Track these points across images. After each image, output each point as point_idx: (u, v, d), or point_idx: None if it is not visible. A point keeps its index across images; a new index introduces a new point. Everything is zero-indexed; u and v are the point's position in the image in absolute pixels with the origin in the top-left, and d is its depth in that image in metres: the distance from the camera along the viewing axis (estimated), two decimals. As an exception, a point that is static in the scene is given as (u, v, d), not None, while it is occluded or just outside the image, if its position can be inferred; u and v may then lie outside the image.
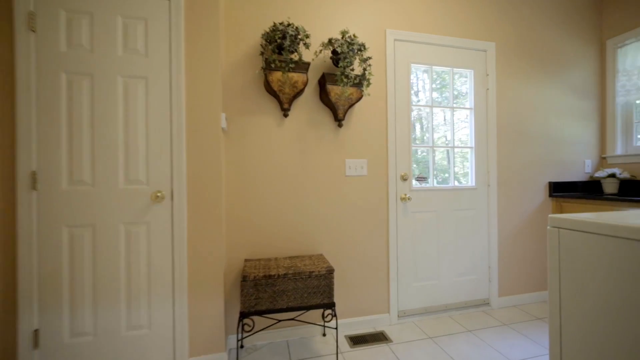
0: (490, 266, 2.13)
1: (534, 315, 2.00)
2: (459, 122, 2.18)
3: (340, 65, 1.62)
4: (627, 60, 2.24)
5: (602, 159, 2.38)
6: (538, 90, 2.24)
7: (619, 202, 1.87)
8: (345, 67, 1.63)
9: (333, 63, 1.75)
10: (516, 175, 2.19)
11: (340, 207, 1.87)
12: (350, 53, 1.63)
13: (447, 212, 2.06)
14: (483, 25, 2.13)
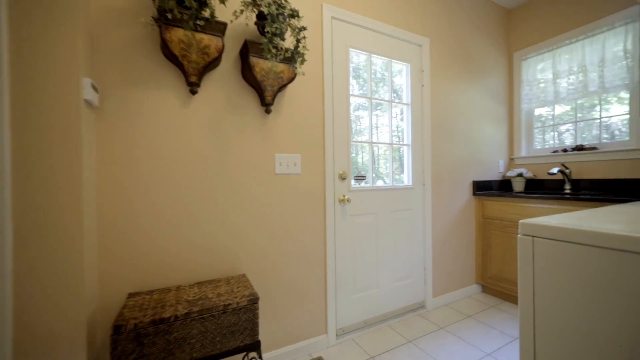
0: (425, 267, 2.08)
1: (464, 314, 2.02)
2: (393, 120, 2.07)
3: (267, 30, 1.26)
4: (529, 72, 2.51)
5: (511, 159, 2.63)
6: (464, 92, 2.31)
7: (526, 199, 2.02)
8: (273, 35, 1.28)
9: (259, 30, 1.37)
10: (447, 174, 2.20)
11: (269, 213, 1.51)
12: (280, 18, 1.29)
13: (386, 214, 1.91)
14: (419, 19, 2.06)
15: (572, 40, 2.22)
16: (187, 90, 1.32)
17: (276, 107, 1.53)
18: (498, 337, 1.72)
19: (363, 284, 1.81)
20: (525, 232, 0.76)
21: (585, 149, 2.16)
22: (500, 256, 2.18)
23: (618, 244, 0.59)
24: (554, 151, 2.35)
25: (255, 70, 1.34)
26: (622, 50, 1.98)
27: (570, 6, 2.23)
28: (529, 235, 0.75)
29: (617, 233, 0.59)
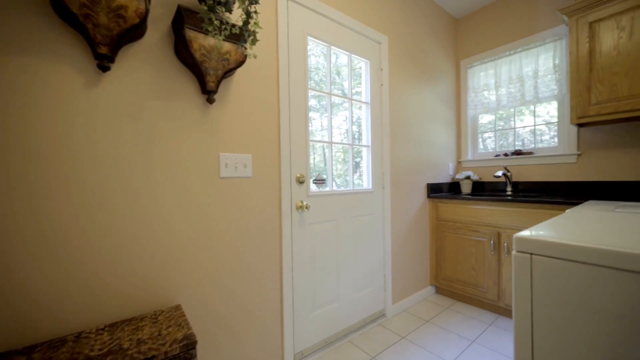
0: (385, 274, 2.00)
1: (423, 319, 1.99)
2: (349, 118, 1.95)
3: None
4: (474, 79, 2.65)
5: (459, 162, 2.75)
6: (418, 94, 2.31)
7: (475, 201, 2.09)
8: (216, 2, 1.02)
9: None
10: (404, 177, 2.17)
11: (212, 227, 1.24)
12: (226, -17, 1.04)
13: (347, 220, 1.77)
14: (379, 16, 1.98)
15: (511, 52, 2.39)
16: (94, 65, 0.98)
17: (221, 97, 1.26)
18: (457, 341, 1.71)
19: (323, 299, 1.64)
20: (522, 249, 0.66)
21: (523, 153, 2.34)
22: (453, 257, 2.23)
23: (631, 264, 0.51)
24: (496, 155, 2.50)
25: (192, 48, 1.06)
26: (552, 64, 2.18)
27: (509, 21, 2.40)
28: (527, 253, 0.65)
29: (625, 251, 0.51)
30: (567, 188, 2.09)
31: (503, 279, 1.94)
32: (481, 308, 2.10)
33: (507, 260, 1.93)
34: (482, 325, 1.88)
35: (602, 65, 1.74)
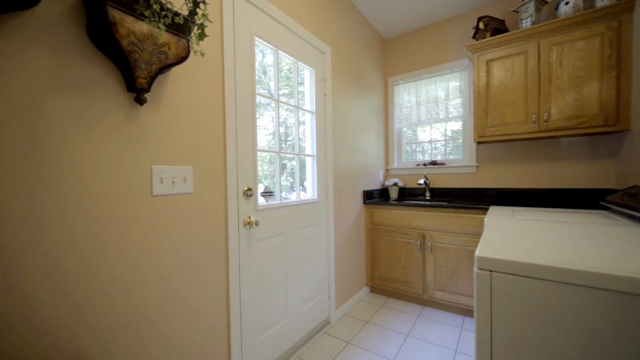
0: (329, 282, 2.02)
1: (363, 320, 2.09)
2: (295, 127, 1.90)
3: None
4: (399, 96, 2.95)
5: (387, 170, 3.02)
6: (356, 105, 2.43)
7: (403, 206, 2.33)
8: None
9: None
10: (344, 185, 2.24)
11: (142, 261, 1.00)
12: (169, -38, 0.84)
13: (294, 232, 1.71)
14: (323, 26, 1.98)
15: (429, 75, 2.76)
16: (-52, 38, 0.65)
17: (155, 97, 1.03)
18: (394, 337, 1.86)
19: (272, 319, 1.54)
20: (482, 267, 0.74)
21: (437, 164, 2.73)
22: (386, 258, 2.43)
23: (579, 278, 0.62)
24: (417, 164, 2.85)
25: (118, 33, 0.82)
26: (459, 90, 2.62)
27: (427, 49, 2.76)
28: (487, 270, 0.73)
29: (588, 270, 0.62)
30: (470, 193, 2.54)
31: (427, 274, 2.22)
32: (410, 302, 2.35)
33: (430, 258, 2.21)
34: (412, 318, 2.11)
35: (495, 96, 2.17)
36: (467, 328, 1.95)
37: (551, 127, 1.96)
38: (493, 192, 2.44)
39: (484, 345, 0.74)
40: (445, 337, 1.86)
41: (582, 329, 0.61)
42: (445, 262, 2.14)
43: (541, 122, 1.99)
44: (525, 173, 2.31)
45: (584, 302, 0.61)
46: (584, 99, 1.85)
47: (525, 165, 2.32)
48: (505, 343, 0.71)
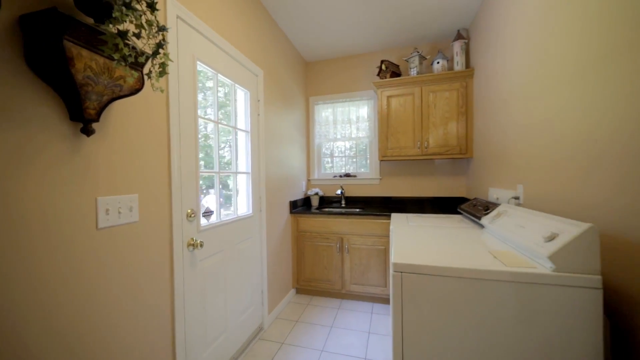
0: (262, 290, 2.16)
1: (293, 320, 2.32)
2: (233, 146, 1.98)
3: (116, 15, 0.78)
4: (319, 114, 3.31)
5: (309, 180, 3.33)
6: (284, 122, 2.63)
7: (325, 214, 2.68)
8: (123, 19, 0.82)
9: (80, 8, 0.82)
10: (274, 197, 2.41)
11: (88, 299, 0.94)
12: (135, 4, 0.85)
13: (232, 248, 1.78)
14: (257, 50, 2.10)
15: (344, 100, 3.22)
16: None
17: (102, 127, 0.98)
18: (321, 330, 2.16)
19: (214, 335, 1.58)
20: (396, 270, 1.08)
21: (350, 176, 3.21)
22: (311, 261, 2.72)
23: (450, 272, 1.01)
24: (334, 176, 3.27)
25: (74, 67, 0.79)
26: (367, 115, 3.16)
27: (343, 77, 3.21)
28: (399, 272, 1.07)
29: (453, 266, 1.01)
30: (377, 200, 3.11)
31: (345, 272, 2.63)
32: (331, 297, 2.72)
33: (347, 258, 2.62)
34: (334, 311, 2.46)
35: (393, 125, 2.76)
36: (376, 312, 2.44)
37: (429, 152, 2.66)
38: (393, 199, 3.07)
39: (397, 324, 1.07)
40: (360, 322, 2.27)
41: (452, 302, 1.01)
42: (359, 260, 2.59)
43: (423, 148, 2.67)
44: (414, 184, 3.02)
45: (452, 287, 1.01)
46: (449, 134, 2.60)
47: (414, 179, 3.02)
48: (413, 322, 1.05)
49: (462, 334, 0.99)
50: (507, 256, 1.07)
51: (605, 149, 0.95)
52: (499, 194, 1.85)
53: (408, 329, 1.05)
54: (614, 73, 0.91)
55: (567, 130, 1.15)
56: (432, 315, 1.02)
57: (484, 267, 0.98)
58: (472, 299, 0.98)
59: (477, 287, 0.98)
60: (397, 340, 1.06)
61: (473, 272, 0.98)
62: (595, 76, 0.99)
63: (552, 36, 1.26)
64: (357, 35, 2.74)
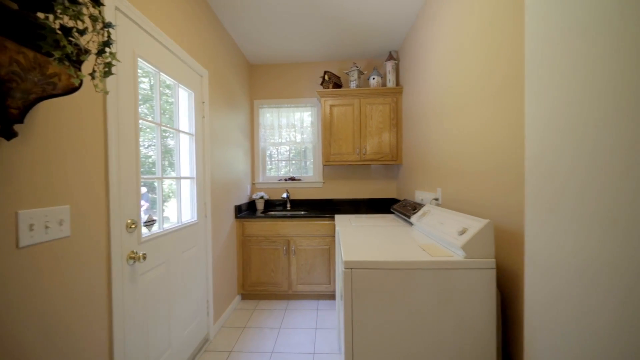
0: (208, 300, 2.07)
1: (240, 327, 2.28)
2: (176, 150, 1.87)
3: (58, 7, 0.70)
4: (264, 118, 3.31)
5: (253, 184, 3.29)
6: (228, 125, 2.57)
7: (268, 218, 2.72)
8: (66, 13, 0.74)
9: None
10: (219, 202, 2.34)
11: (4, 338, 0.81)
12: (79, -1, 0.78)
13: (177, 257, 1.68)
14: (201, 49, 2.02)
15: (289, 105, 3.29)
16: None
17: (28, 129, 0.85)
18: (270, 333, 2.19)
19: (156, 353, 1.47)
20: (347, 267, 1.21)
21: (295, 179, 3.30)
22: (257, 265, 2.71)
23: (391, 265, 1.19)
24: (279, 179, 3.31)
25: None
26: (311, 122, 3.30)
27: (288, 82, 3.28)
28: (349, 268, 1.21)
29: (392, 260, 1.19)
30: (321, 203, 3.27)
31: (291, 273, 2.70)
32: (278, 300, 2.75)
33: (294, 259, 2.70)
34: (281, 312, 2.51)
35: (336, 132, 2.96)
36: (321, 309, 2.58)
37: (367, 158, 2.93)
38: (335, 201, 3.27)
39: (348, 317, 1.20)
40: (307, 320, 2.38)
41: (392, 291, 1.19)
42: (305, 260, 2.69)
43: (362, 154, 2.93)
44: (354, 187, 3.28)
45: (392, 278, 1.19)
46: (383, 142, 2.92)
47: (353, 182, 3.28)
48: (361, 313, 1.20)
49: (401, 318, 1.18)
50: (432, 248, 1.31)
51: (495, 162, 1.26)
52: (423, 196, 2.19)
53: (357, 320, 1.20)
54: (500, 104, 1.22)
55: (469, 145, 1.47)
56: (376, 305, 1.18)
57: (416, 259, 1.19)
58: (407, 286, 1.18)
59: (411, 276, 1.17)
60: (348, 332, 1.19)
61: (408, 263, 1.18)
62: (495, 103, 1.30)
63: (454, 75, 1.58)
64: (302, 44, 2.86)
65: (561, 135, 0.83)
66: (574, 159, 0.79)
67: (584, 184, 0.76)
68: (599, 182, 0.73)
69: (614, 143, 0.69)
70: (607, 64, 0.71)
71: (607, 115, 0.70)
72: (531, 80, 0.95)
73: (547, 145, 0.88)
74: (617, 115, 0.69)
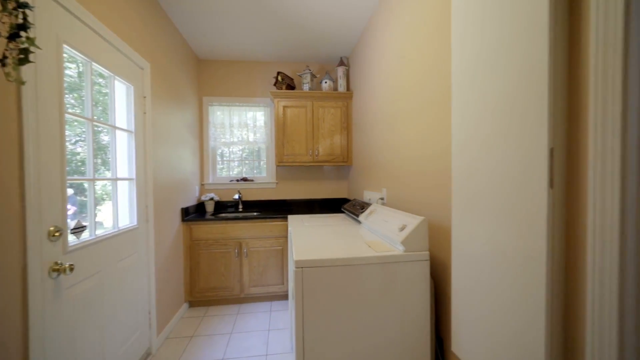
0: (150, 311, 1.92)
1: (187, 336, 2.16)
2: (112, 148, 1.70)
3: None
4: (214, 116, 3.17)
5: (202, 185, 3.13)
6: (174, 123, 2.40)
7: (218, 220, 2.62)
8: None
9: None
10: (164, 205, 2.18)
11: None
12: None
13: (112, 267, 1.53)
14: (142, 39, 1.86)
15: (241, 104, 3.21)
16: None
17: None
18: (220, 340, 2.12)
19: (87, 375, 1.32)
20: (298, 266, 1.24)
21: (248, 180, 3.23)
22: (207, 270, 2.58)
23: (339, 262, 1.26)
24: (231, 180, 3.20)
25: None
26: (264, 122, 3.26)
27: (240, 81, 3.19)
28: (300, 267, 1.24)
29: (341, 257, 1.25)
30: (274, 204, 3.25)
31: (244, 276, 2.64)
32: (229, 304, 2.66)
33: (246, 261, 2.64)
34: (233, 317, 2.44)
35: (289, 133, 2.98)
36: (275, 309, 2.57)
37: (320, 159, 3.01)
38: (289, 202, 3.29)
39: (299, 315, 1.24)
40: (260, 322, 2.35)
41: (341, 287, 1.26)
42: (257, 262, 2.66)
43: (314, 155, 3.00)
44: (307, 188, 3.33)
45: (341, 274, 1.26)
46: (334, 145, 3.03)
47: (307, 183, 3.34)
48: (312, 311, 1.24)
49: (350, 311, 1.25)
50: (376, 244, 1.42)
51: (431, 165, 1.42)
52: (370, 196, 2.34)
53: (308, 318, 1.24)
54: (437, 114, 1.38)
55: (410, 149, 1.63)
56: (326, 301, 1.24)
57: (361, 255, 1.28)
58: (355, 281, 1.26)
59: (358, 271, 1.26)
60: (299, 329, 1.23)
61: (355, 259, 1.26)
62: (432, 112, 1.46)
63: (399, 83, 1.74)
64: (254, 43, 2.81)
65: (477, 144, 0.98)
66: (486, 164, 0.95)
67: (494, 185, 0.91)
68: (505, 183, 0.88)
69: (515, 152, 0.85)
70: (509, 88, 0.86)
71: (510, 130, 0.86)
72: (456, 95, 1.10)
73: (467, 152, 1.03)
74: (517, 130, 0.85)
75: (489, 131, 0.91)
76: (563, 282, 0.76)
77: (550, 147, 0.74)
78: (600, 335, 0.67)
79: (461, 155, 1.06)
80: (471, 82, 1.00)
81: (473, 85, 0.99)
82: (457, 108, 1.08)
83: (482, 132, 0.95)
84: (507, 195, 0.85)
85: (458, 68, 1.07)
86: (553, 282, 0.75)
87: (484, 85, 0.94)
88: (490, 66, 0.90)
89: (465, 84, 1.03)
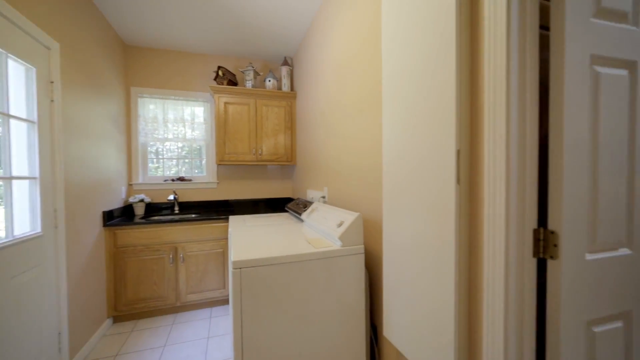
0: (61, 332, 1.64)
1: (110, 356, 1.91)
2: (4, 141, 1.41)
3: None
4: (145, 109, 2.87)
5: (130, 186, 2.80)
6: (93, 115, 2.10)
7: (149, 224, 2.37)
8: None
9: None
10: (79, 208, 1.89)
11: None
12: None
13: (3, 285, 1.27)
14: (50, 16, 1.58)
15: (176, 98, 2.96)
16: None
17: None
18: (151, 355, 1.93)
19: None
20: (236, 266, 1.21)
21: (185, 179, 3.00)
22: (135, 280, 2.32)
23: (278, 261, 1.26)
24: (165, 180, 2.93)
25: None
26: (203, 118, 3.08)
27: (175, 72, 2.95)
28: (238, 268, 1.22)
29: (280, 255, 1.26)
30: (214, 204, 3.08)
31: (180, 283, 2.45)
32: (163, 315, 2.44)
33: (182, 267, 2.46)
34: (167, 328, 2.25)
35: (231, 131, 2.86)
36: (215, 315, 2.45)
37: (263, 158, 2.97)
38: (231, 202, 3.16)
39: (237, 312, 1.21)
40: (198, 331, 2.22)
41: (281, 285, 1.27)
42: (196, 267, 2.49)
43: (258, 155, 2.95)
44: (250, 187, 3.25)
45: (281, 272, 1.27)
46: (278, 144, 3.02)
47: (251, 182, 3.25)
48: (251, 312, 1.22)
49: (291, 308, 1.27)
50: (316, 241, 1.47)
51: (366, 164, 1.52)
52: (313, 194, 2.40)
53: (247, 320, 1.22)
54: (373, 117, 1.49)
55: (348, 149, 1.72)
56: (267, 301, 1.24)
57: (301, 252, 1.31)
58: (295, 279, 1.28)
59: (298, 268, 1.29)
60: (237, 332, 1.20)
61: (294, 257, 1.28)
62: (369, 115, 1.56)
63: (338, 86, 1.83)
64: (192, 33, 2.63)
65: (402, 145, 1.10)
66: (409, 162, 1.06)
67: (415, 181, 1.03)
68: (424, 179, 1.00)
69: (431, 153, 0.97)
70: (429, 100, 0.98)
71: (427, 133, 0.98)
72: (386, 101, 1.20)
73: (394, 152, 1.14)
74: (433, 133, 0.97)
75: (411, 134, 1.03)
76: (467, 262, 0.90)
77: (457, 149, 0.87)
78: (493, 295, 0.81)
79: (389, 155, 1.17)
80: (397, 91, 1.11)
81: (399, 94, 1.10)
82: (387, 113, 1.18)
83: (406, 135, 1.06)
84: (426, 189, 0.97)
85: (387, 78, 1.18)
86: (460, 263, 0.88)
87: (408, 95, 1.05)
88: (414, 80, 1.02)
89: (393, 92, 1.14)
